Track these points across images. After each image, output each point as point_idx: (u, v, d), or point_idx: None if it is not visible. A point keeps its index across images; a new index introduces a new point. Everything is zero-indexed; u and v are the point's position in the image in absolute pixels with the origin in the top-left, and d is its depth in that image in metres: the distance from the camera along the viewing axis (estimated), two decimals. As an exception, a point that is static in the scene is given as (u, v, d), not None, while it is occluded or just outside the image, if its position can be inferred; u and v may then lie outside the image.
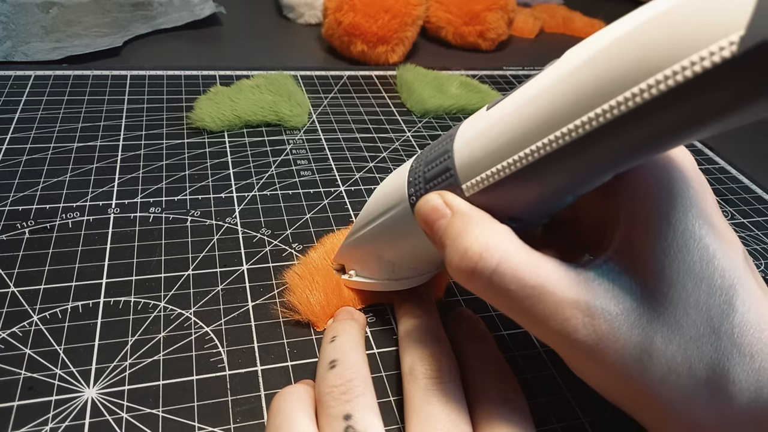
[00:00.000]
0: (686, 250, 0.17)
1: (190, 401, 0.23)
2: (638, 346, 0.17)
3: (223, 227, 0.32)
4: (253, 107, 0.41)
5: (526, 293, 0.18)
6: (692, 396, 0.17)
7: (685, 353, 0.17)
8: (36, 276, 0.27)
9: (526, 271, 0.18)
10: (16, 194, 0.32)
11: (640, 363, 0.17)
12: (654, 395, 0.17)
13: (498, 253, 0.18)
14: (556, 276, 0.18)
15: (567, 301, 0.17)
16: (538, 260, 0.18)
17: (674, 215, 0.18)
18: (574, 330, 0.17)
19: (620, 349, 0.17)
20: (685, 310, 0.17)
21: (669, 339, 0.17)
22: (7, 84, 0.42)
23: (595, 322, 0.17)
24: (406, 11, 0.52)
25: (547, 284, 0.17)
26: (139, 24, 0.54)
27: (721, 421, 0.17)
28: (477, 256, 0.18)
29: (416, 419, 0.20)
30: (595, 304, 0.17)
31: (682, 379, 0.17)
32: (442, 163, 0.20)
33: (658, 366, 0.17)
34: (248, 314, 0.27)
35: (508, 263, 0.18)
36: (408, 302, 0.27)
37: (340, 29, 0.52)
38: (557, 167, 0.17)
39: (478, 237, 0.18)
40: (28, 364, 0.23)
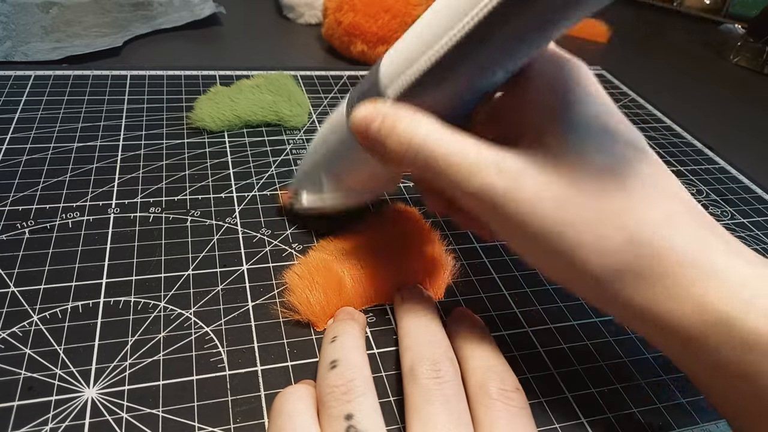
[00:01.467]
0: (589, 129, 0.21)
1: (190, 401, 0.23)
2: (549, 196, 0.20)
3: (223, 227, 0.32)
4: (253, 107, 0.41)
5: (450, 160, 0.21)
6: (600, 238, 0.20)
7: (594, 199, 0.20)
8: (36, 276, 0.27)
9: (448, 138, 0.21)
10: (16, 194, 0.32)
11: (552, 212, 0.20)
12: (565, 240, 0.20)
13: (425, 128, 0.21)
14: (474, 143, 0.21)
15: (481, 160, 0.20)
16: (462, 133, 0.21)
17: (575, 103, 0.21)
18: (490, 186, 0.20)
19: (531, 198, 0.20)
20: (593, 169, 0.20)
21: (579, 188, 0.20)
22: (7, 84, 0.42)
23: (509, 176, 0.20)
24: (406, 11, 0.52)
25: (465, 149, 0.21)
26: (139, 24, 0.54)
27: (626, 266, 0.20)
28: (409, 136, 0.21)
29: (417, 419, 0.20)
30: (509, 162, 0.20)
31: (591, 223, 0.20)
32: (371, 79, 0.24)
33: (568, 212, 0.20)
34: (248, 314, 0.27)
35: (433, 135, 0.21)
36: (408, 302, 0.27)
37: (340, 29, 0.52)
38: (455, 64, 0.20)
39: (411, 121, 0.22)
40: (28, 364, 0.23)
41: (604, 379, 0.26)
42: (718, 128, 0.53)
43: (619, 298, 0.20)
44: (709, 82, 0.63)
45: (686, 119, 0.51)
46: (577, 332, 0.28)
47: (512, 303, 0.29)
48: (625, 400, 0.25)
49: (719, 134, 0.51)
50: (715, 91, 0.61)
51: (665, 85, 0.61)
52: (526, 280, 0.31)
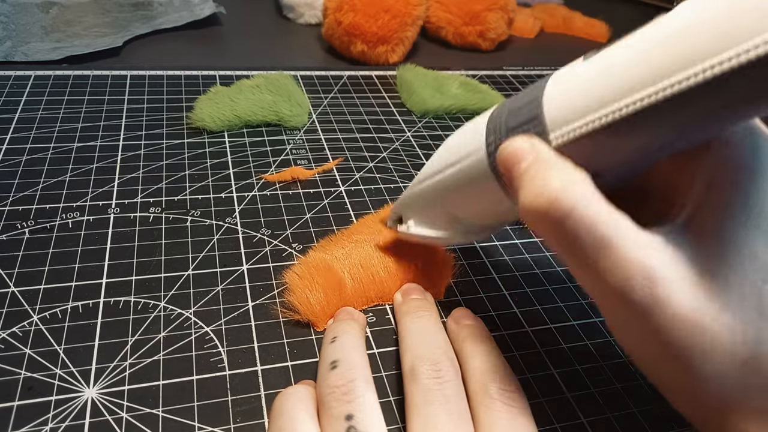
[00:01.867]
0: (755, 232, 0.17)
1: (190, 401, 0.23)
2: (690, 317, 0.17)
3: (223, 227, 0.32)
4: (253, 107, 0.41)
5: (595, 243, 0.17)
6: (727, 375, 0.17)
7: (732, 333, 0.17)
8: (36, 276, 0.27)
9: (600, 220, 0.17)
10: (16, 194, 0.32)
11: (687, 333, 0.17)
12: (691, 367, 0.17)
13: (575, 197, 0.18)
14: (628, 232, 0.17)
15: (632, 259, 0.17)
16: (614, 212, 0.18)
17: (753, 195, 0.17)
18: (632, 290, 0.17)
19: (671, 317, 0.17)
20: (740, 293, 0.17)
21: (720, 317, 0.17)
22: (7, 84, 0.42)
23: (654, 287, 0.17)
24: (406, 11, 0.52)
25: (617, 238, 0.17)
26: (139, 24, 0.54)
27: (744, 402, 0.17)
28: (554, 195, 0.18)
29: (417, 419, 0.20)
30: (658, 268, 0.17)
31: (724, 357, 0.17)
32: (530, 111, 0.19)
33: (703, 340, 0.17)
34: (248, 314, 0.27)
35: (583, 210, 0.17)
36: (408, 302, 0.27)
37: (340, 29, 0.52)
38: (650, 124, 0.16)
39: (557, 179, 0.18)
40: (28, 364, 0.23)
41: (604, 379, 0.26)
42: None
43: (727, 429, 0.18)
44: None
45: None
46: (577, 332, 0.28)
47: (512, 303, 0.29)
48: (625, 400, 0.25)
49: None
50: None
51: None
52: (526, 280, 0.31)
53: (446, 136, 0.44)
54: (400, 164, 0.40)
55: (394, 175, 0.38)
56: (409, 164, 0.40)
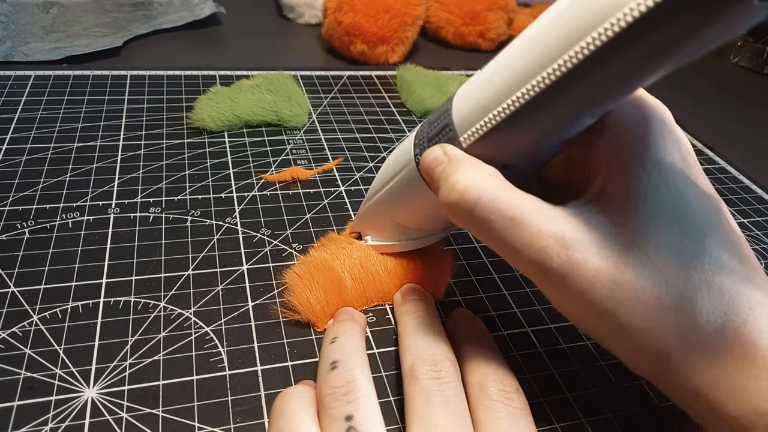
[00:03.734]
0: (659, 192, 0.19)
1: (190, 401, 0.23)
2: (608, 277, 0.18)
3: (223, 227, 0.32)
4: (253, 107, 0.41)
5: (505, 223, 0.19)
6: (658, 324, 0.18)
7: (654, 285, 0.18)
8: (36, 276, 0.27)
9: (506, 203, 0.19)
10: (16, 194, 0.32)
11: (609, 291, 0.18)
12: (621, 323, 0.19)
13: (480, 187, 0.20)
14: (535, 209, 0.19)
15: (543, 231, 0.19)
16: (519, 195, 0.20)
17: (648, 161, 0.19)
18: (549, 258, 0.19)
19: (591, 278, 0.18)
20: (656, 247, 0.18)
21: (639, 272, 0.18)
22: (7, 84, 0.42)
23: (568, 252, 0.19)
24: (406, 11, 0.52)
25: (524, 216, 0.19)
26: (139, 24, 0.54)
27: (683, 349, 0.18)
28: (462, 189, 0.20)
29: (417, 420, 0.20)
30: (570, 235, 0.19)
31: (650, 308, 0.18)
32: (443, 121, 0.22)
33: (626, 294, 0.18)
34: (248, 314, 0.27)
35: (489, 196, 0.20)
36: (408, 303, 0.27)
37: (340, 29, 0.52)
38: (538, 112, 0.18)
39: (465, 173, 0.20)
40: (28, 364, 0.23)
41: (604, 379, 0.26)
42: (718, 128, 0.53)
43: (672, 376, 0.19)
44: (709, 82, 0.63)
45: (686, 119, 0.51)
46: (577, 332, 0.28)
47: (512, 303, 0.29)
48: (625, 400, 0.25)
49: (719, 134, 0.51)
50: (715, 91, 0.61)
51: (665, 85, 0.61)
52: (526, 280, 0.31)
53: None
54: (400, 164, 0.40)
55: (394, 175, 0.38)
56: (409, 164, 0.40)
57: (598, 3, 0.15)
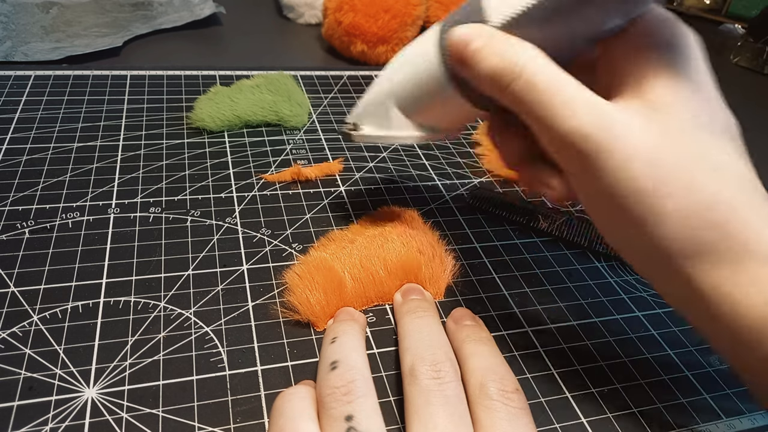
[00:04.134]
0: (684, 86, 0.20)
1: (190, 401, 0.23)
2: (647, 151, 0.19)
3: (223, 227, 0.32)
4: (253, 107, 0.41)
5: (551, 93, 0.20)
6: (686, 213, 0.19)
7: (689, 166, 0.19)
8: (36, 276, 0.27)
9: (553, 75, 0.20)
10: (16, 194, 0.32)
11: (647, 168, 0.19)
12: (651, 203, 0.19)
13: (527, 57, 0.21)
14: (579, 86, 0.20)
15: (587, 104, 0.20)
16: (564, 72, 0.21)
17: (686, 69, 0.21)
18: (590, 132, 0.20)
19: (630, 150, 0.19)
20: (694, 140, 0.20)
21: (676, 152, 0.19)
22: (7, 84, 0.42)
23: (612, 126, 0.20)
24: (406, 11, 0.52)
25: (570, 88, 0.20)
26: (139, 24, 0.54)
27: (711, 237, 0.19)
28: (512, 56, 0.21)
29: (417, 420, 0.20)
30: (613, 114, 0.20)
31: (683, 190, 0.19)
32: (471, 5, 0.23)
33: (662, 173, 0.19)
34: (248, 314, 0.27)
35: (537, 65, 0.21)
36: (408, 303, 0.27)
37: (340, 29, 0.52)
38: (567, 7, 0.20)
39: (512, 44, 0.21)
40: (28, 364, 0.23)
41: (604, 379, 0.26)
42: (718, 128, 0.52)
43: (684, 275, 0.20)
44: (709, 82, 0.63)
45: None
46: (577, 332, 0.28)
47: (512, 303, 0.29)
48: (626, 400, 0.25)
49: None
50: (715, 91, 0.61)
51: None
52: (526, 280, 0.31)
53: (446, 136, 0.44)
54: (400, 164, 0.40)
55: (394, 175, 0.38)
56: (409, 164, 0.40)
57: None
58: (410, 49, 0.27)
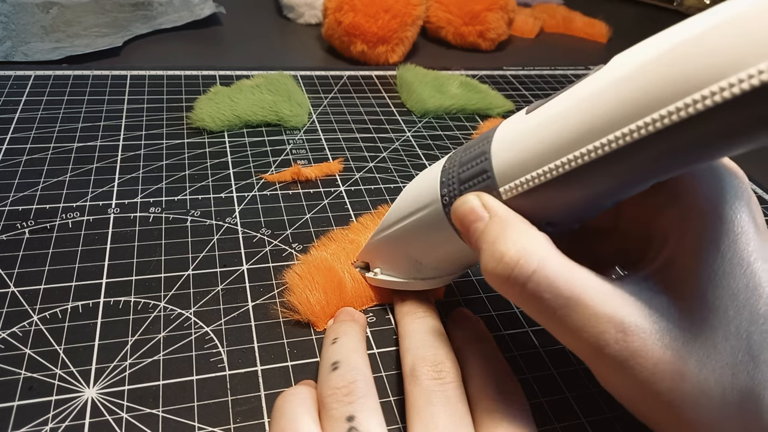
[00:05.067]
0: (732, 276, 0.17)
1: (190, 401, 0.23)
2: (671, 366, 0.17)
3: (223, 227, 0.32)
4: (253, 107, 0.41)
5: (560, 303, 0.17)
6: (723, 420, 0.17)
7: (720, 378, 0.17)
8: (36, 276, 0.27)
9: (562, 280, 0.17)
10: (16, 194, 0.32)
11: (671, 382, 0.17)
12: (683, 415, 0.17)
13: (535, 260, 0.17)
14: (593, 288, 0.17)
15: (601, 314, 0.17)
16: (575, 270, 0.18)
17: (724, 238, 0.17)
18: (606, 344, 0.17)
19: (651, 367, 0.17)
20: (724, 336, 0.17)
21: (704, 363, 0.17)
22: (7, 84, 0.42)
23: (628, 339, 0.17)
24: (406, 11, 0.52)
25: (582, 296, 0.17)
26: (139, 24, 0.54)
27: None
28: (514, 262, 0.18)
29: (418, 420, 0.20)
30: (630, 320, 0.17)
31: (714, 402, 0.17)
32: (479, 165, 0.20)
33: (690, 387, 0.17)
34: (248, 314, 0.27)
35: (544, 271, 0.17)
36: (408, 303, 0.27)
37: (340, 29, 0.52)
38: (599, 174, 0.16)
39: (516, 242, 0.18)
40: (28, 364, 0.23)
41: (605, 379, 0.26)
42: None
43: None
44: (709, 82, 0.63)
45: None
46: (577, 332, 0.28)
47: (512, 303, 0.29)
48: (626, 401, 0.25)
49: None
50: (715, 91, 0.61)
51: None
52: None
53: (446, 136, 0.44)
54: (400, 164, 0.40)
55: (394, 175, 0.38)
56: (409, 164, 0.40)
57: (702, 60, 0.13)
58: (414, 195, 0.24)
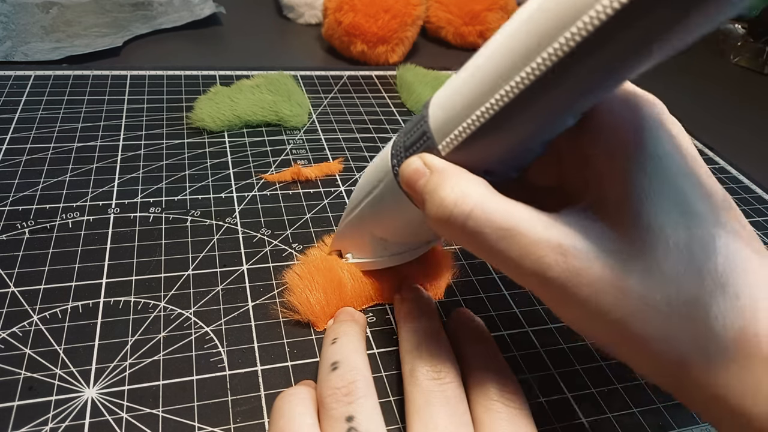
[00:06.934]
0: (662, 195, 0.18)
1: (190, 401, 0.23)
2: (613, 283, 0.17)
3: (223, 227, 0.32)
4: (253, 107, 0.41)
5: (500, 235, 0.18)
6: (671, 331, 0.17)
7: (665, 291, 0.17)
8: (36, 276, 0.27)
9: (498, 214, 0.18)
10: (16, 194, 0.32)
11: (614, 299, 0.17)
12: (631, 331, 0.18)
13: (472, 199, 0.19)
14: (529, 218, 0.18)
15: (540, 240, 0.18)
16: (512, 205, 0.19)
17: (647, 162, 0.18)
18: (548, 267, 0.18)
19: (593, 285, 0.17)
20: (664, 252, 0.17)
21: (646, 278, 0.17)
22: (7, 84, 0.42)
23: (567, 260, 0.18)
24: (406, 11, 0.52)
25: (519, 225, 0.18)
26: (139, 24, 0.54)
27: (703, 357, 0.17)
28: (452, 203, 0.19)
29: (418, 420, 0.20)
30: (568, 242, 0.18)
31: (662, 314, 0.17)
32: (420, 129, 0.21)
33: (634, 303, 0.17)
34: (248, 314, 0.27)
35: (481, 208, 0.19)
36: (408, 303, 0.27)
37: (340, 29, 0.52)
38: (519, 114, 0.18)
39: (454, 187, 0.19)
40: (28, 364, 0.23)
41: (604, 379, 0.26)
42: (718, 128, 0.53)
43: (690, 384, 0.18)
44: (709, 82, 0.63)
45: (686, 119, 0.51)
46: (577, 332, 0.28)
47: (512, 303, 0.29)
48: (625, 400, 0.25)
49: (719, 134, 0.51)
50: (715, 91, 0.61)
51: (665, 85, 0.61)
52: (526, 280, 0.31)
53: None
54: (400, 164, 0.40)
55: (394, 175, 0.38)
56: (409, 164, 0.40)
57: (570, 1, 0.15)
58: (370, 174, 0.25)
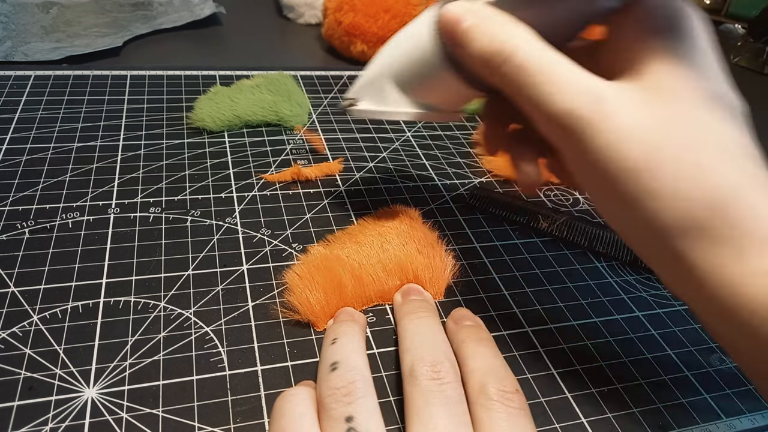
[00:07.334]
0: (696, 79, 0.20)
1: (190, 401, 0.23)
2: (640, 132, 0.19)
3: (223, 227, 0.32)
4: (253, 107, 0.41)
5: (542, 70, 0.20)
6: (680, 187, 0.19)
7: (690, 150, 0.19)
8: (36, 276, 0.27)
9: (546, 52, 0.20)
10: (16, 194, 0.32)
11: (638, 147, 0.19)
12: (642, 184, 0.19)
13: (519, 39, 0.21)
14: (569, 64, 0.20)
15: (578, 81, 0.20)
16: (557, 52, 0.20)
17: (686, 49, 0.20)
18: (579, 106, 0.19)
19: (621, 130, 0.19)
20: (689, 106, 0.19)
21: (671, 129, 0.19)
22: (7, 84, 0.42)
23: (600, 103, 0.19)
24: (406, 11, 0.52)
25: (560, 66, 0.20)
26: (139, 24, 0.54)
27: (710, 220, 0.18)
28: (499, 42, 0.21)
29: (417, 420, 0.20)
30: (602, 90, 0.20)
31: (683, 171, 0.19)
32: None
33: (651, 152, 0.19)
34: (248, 314, 0.27)
35: (528, 46, 0.20)
36: (408, 303, 0.27)
37: (340, 29, 0.52)
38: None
39: (503, 26, 0.21)
40: (28, 364, 0.23)
41: (604, 379, 0.26)
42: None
43: (681, 257, 0.19)
44: (709, 82, 0.63)
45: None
46: (577, 332, 0.28)
47: (512, 303, 0.29)
48: (625, 400, 0.25)
49: None
50: (715, 91, 0.61)
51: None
52: (526, 280, 0.31)
53: (446, 136, 0.44)
54: (400, 164, 0.40)
55: (394, 175, 0.38)
56: (409, 164, 0.40)
57: None
58: (409, 27, 0.27)
